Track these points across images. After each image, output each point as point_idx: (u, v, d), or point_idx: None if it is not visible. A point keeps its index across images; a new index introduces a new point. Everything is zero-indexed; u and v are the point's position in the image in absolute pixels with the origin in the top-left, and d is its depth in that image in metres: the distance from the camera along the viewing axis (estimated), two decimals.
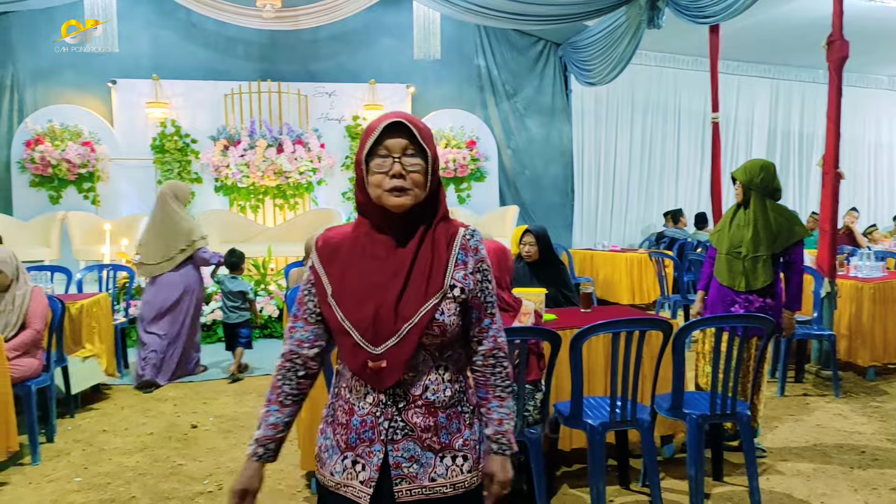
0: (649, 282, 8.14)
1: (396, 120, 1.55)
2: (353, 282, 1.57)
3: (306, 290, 1.66)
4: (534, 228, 4.60)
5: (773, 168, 3.89)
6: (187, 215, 5.73)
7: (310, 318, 1.65)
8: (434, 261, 1.58)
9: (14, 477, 3.85)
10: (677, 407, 3.34)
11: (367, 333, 1.54)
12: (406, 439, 1.57)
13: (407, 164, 1.54)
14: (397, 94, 10.00)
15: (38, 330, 4.14)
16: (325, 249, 1.65)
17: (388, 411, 1.57)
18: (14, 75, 9.10)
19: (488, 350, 1.67)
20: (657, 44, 10.02)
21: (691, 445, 3.27)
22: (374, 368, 1.54)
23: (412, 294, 1.55)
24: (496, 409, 1.68)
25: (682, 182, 11.72)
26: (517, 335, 3.01)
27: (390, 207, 1.54)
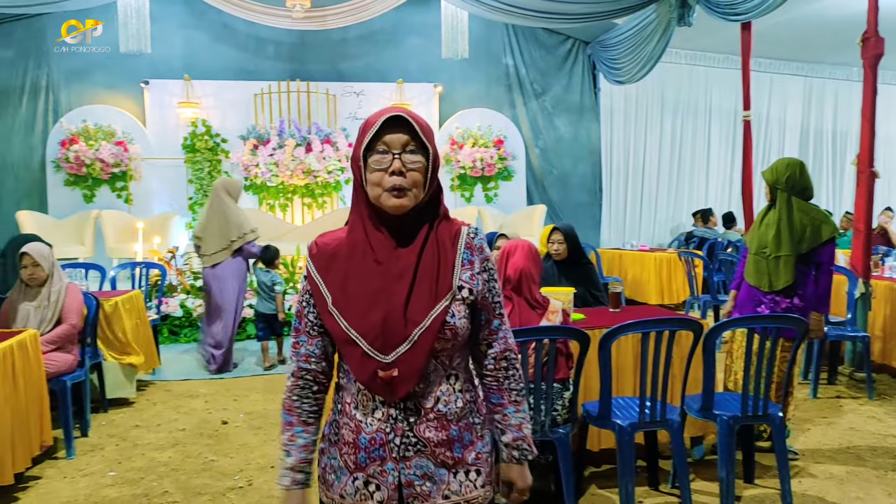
0: (678, 282, 8.07)
1: (396, 114, 1.47)
2: (355, 288, 1.47)
3: (304, 301, 1.56)
4: (562, 226, 4.58)
5: (799, 166, 3.83)
6: (239, 210, 6.01)
7: (312, 330, 1.55)
8: (440, 261, 1.50)
9: (49, 471, 3.93)
10: (708, 408, 3.31)
11: (377, 342, 1.45)
12: (419, 456, 1.48)
13: (407, 161, 1.45)
14: (425, 93, 10.02)
15: (74, 324, 4.22)
16: (320, 256, 1.54)
17: (398, 427, 1.48)
18: (49, 76, 9.28)
19: (500, 353, 1.60)
20: (688, 41, 9.93)
21: (722, 447, 3.23)
22: (385, 378, 1.44)
23: (420, 297, 1.46)
24: (513, 415, 1.60)
25: (712, 181, 11.60)
26: (545, 334, 3.01)
27: (389, 209, 1.46)
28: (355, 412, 1.51)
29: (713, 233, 9.57)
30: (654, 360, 3.09)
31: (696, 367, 3.43)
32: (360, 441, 1.49)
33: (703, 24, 7.99)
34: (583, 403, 3.39)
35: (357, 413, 1.51)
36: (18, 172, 9.21)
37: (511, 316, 3.14)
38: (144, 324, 5.47)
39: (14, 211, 8.67)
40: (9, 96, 9.16)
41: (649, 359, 3.10)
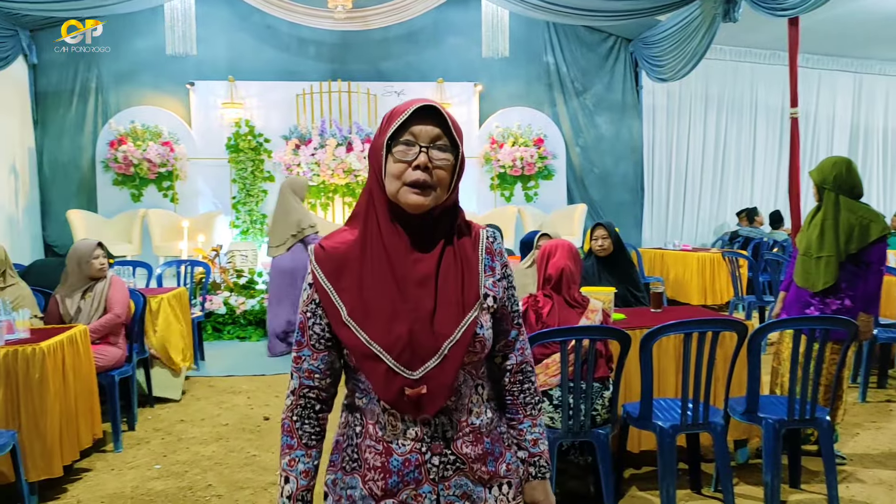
0: (722, 282, 7.94)
1: (428, 104, 1.34)
2: (373, 297, 1.34)
3: (309, 311, 1.40)
4: (605, 223, 4.56)
5: (846, 164, 3.74)
6: (301, 207, 6.48)
7: (318, 344, 1.40)
8: (464, 267, 1.39)
9: (98, 463, 4.03)
10: (753, 411, 3.25)
11: (403, 357, 1.31)
12: (458, 474, 1.38)
13: (434, 157, 1.33)
14: (465, 92, 10.01)
15: (118, 314, 4.32)
16: (329, 262, 1.38)
17: (436, 445, 1.36)
18: (98, 78, 9.50)
19: (517, 365, 1.50)
20: (733, 38, 9.75)
21: (767, 451, 3.18)
22: (413, 396, 1.32)
23: (447, 307, 1.35)
24: (529, 430, 1.51)
25: (757, 180, 11.37)
26: (585, 334, 2.99)
27: (407, 206, 1.33)
28: (382, 434, 1.37)
29: (758, 232, 9.40)
30: (696, 361, 3.05)
31: (741, 370, 3.37)
32: (390, 464, 1.36)
33: (748, 20, 7.84)
34: (623, 404, 3.36)
35: (385, 434, 1.37)
36: (69, 172, 9.45)
37: (550, 314, 3.13)
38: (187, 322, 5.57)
39: (65, 210, 8.91)
40: (60, 98, 9.41)
41: (692, 360, 3.06)
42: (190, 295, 6.13)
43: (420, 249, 1.36)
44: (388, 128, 1.34)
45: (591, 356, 2.98)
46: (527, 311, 3.17)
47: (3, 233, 8.31)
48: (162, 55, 8.73)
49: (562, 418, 3.04)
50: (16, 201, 8.80)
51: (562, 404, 3.02)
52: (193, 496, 3.56)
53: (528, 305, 3.19)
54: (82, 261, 4.29)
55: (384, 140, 1.34)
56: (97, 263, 4.30)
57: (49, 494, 3.58)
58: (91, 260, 4.29)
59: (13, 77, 8.73)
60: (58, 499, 3.57)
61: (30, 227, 9.11)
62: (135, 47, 9.46)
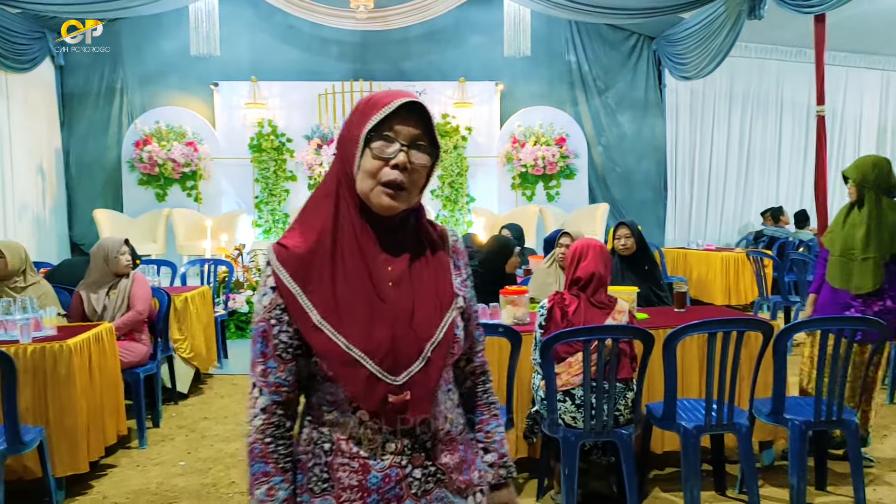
0: (746, 282, 7.86)
1: (413, 101, 1.26)
2: (348, 299, 1.24)
3: (273, 317, 1.27)
4: (628, 222, 4.52)
5: (887, 164, 3.68)
6: None
7: (284, 354, 1.27)
8: (437, 266, 1.34)
9: (123, 459, 4.07)
10: (778, 412, 3.21)
11: (386, 361, 1.23)
12: (438, 486, 1.30)
13: (413, 158, 1.25)
14: (486, 91, 9.99)
15: (140, 311, 4.35)
16: (293, 262, 1.26)
17: (417, 457, 1.28)
18: (123, 79, 9.60)
19: (480, 365, 1.47)
20: (758, 35, 9.63)
21: (793, 453, 3.14)
22: (397, 403, 1.23)
23: (424, 308, 1.28)
24: (496, 430, 1.46)
25: (783, 179, 11.23)
26: (609, 333, 2.97)
27: (378, 208, 1.25)
28: (357, 449, 1.26)
29: (784, 232, 9.29)
30: (721, 361, 3.02)
31: (766, 370, 3.33)
32: (368, 482, 1.25)
33: (774, 17, 7.74)
34: (646, 404, 3.33)
35: (360, 450, 1.26)
36: (94, 172, 9.57)
37: (576, 313, 3.12)
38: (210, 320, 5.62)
39: (91, 209, 9.03)
40: (86, 99, 9.53)
41: (716, 360, 3.03)
42: (213, 293, 6.18)
43: (390, 249, 1.29)
44: (367, 119, 1.25)
45: (613, 355, 2.96)
46: (552, 309, 3.16)
47: (31, 232, 8.44)
48: (186, 56, 8.80)
49: (584, 418, 3.02)
50: (43, 201, 8.93)
51: (584, 403, 3.01)
52: (217, 493, 3.59)
53: (553, 303, 3.18)
54: (109, 256, 4.33)
55: (363, 132, 1.24)
56: (123, 260, 4.34)
57: (75, 490, 3.62)
58: (118, 256, 4.33)
59: (41, 78, 8.87)
60: (84, 494, 3.61)
61: (56, 227, 9.24)
62: (160, 48, 9.56)
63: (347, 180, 1.28)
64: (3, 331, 3.54)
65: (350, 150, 1.27)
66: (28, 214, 8.52)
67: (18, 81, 8.24)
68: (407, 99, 1.26)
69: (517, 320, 3.63)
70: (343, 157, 1.29)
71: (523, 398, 3.48)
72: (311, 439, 1.31)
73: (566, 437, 3.05)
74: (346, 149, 1.28)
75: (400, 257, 1.29)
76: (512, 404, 3.20)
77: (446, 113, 9.77)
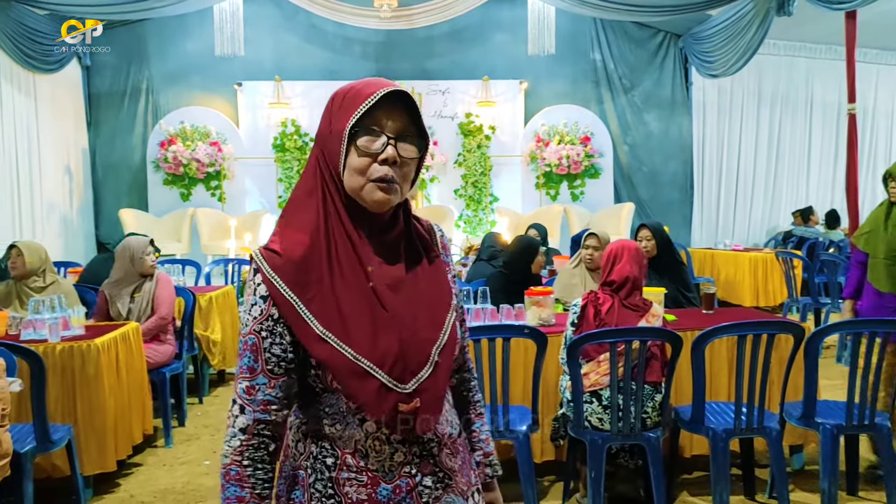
0: (775, 283, 7.74)
1: (397, 90, 1.18)
2: (349, 306, 1.17)
3: (264, 329, 1.18)
4: (650, 223, 4.45)
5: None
6: None
7: (276, 369, 1.19)
8: (432, 266, 1.28)
9: (149, 458, 4.10)
10: (809, 416, 3.15)
11: (395, 370, 1.17)
12: (447, 492, 1.26)
13: (402, 151, 1.19)
14: (510, 90, 9.94)
15: (164, 316, 4.34)
16: (287, 269, 1.18)
17: (425, 464, 1.23)
18: (149, 80, 9.69)
19: (466, 364, 1.43)
20: (787, 32, 9.49)
21: (825, 457, 3.08)
22: (408, 412, 1.18)
23: (426, 310, 1.23)
24: (482, 429, 1.44)
25: (812, 179, 11.06)
26: (636, 335, 2.93)
27: (371, 204, 1.19)
28: (364, 462, 1.20)
29: (814, 232, 9.14)
30: (751, 364, 2.97)
31: (797, 373, 3.27)
32: (378, 496, 1.20)
33: (803, 13, 7.63)
34: (674, 407, 3.29)
35: (368, 463, 1.20)
36: (120, 172, 9.67)
37: (609, 312, 3.08)
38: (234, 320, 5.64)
39: (117, 209, 9.13)
40: (112, 99, 9.63)
41: (746, 363, 2.98)
42: (237, 293, 6.20)
43: (384, 250, 1.22)
44: (351, 112, 1.17)
45: (641, 357, 2.92)
46: (586, 307, 3.13)
47: (58, 232, 8.54)
48: (210, 56, 8.86)
49: (611, 420, 2.98)
50: (70, 201, 9.04)
51: (611, 405, 2.97)
52: None
53: (588, 301, 3.14)
54: (135, 257, 4.30)
55: (346, 126, 1.17)
56: (149, 260, 4.34)
57: (103, 489, 3.65)
58: (143, 256, 4.31)
59: (68, 79, 8.98)
60: (111, 493, 3.63)
61: (83, 226, 9.34)
62: (184, 49, 9.63)
63: (332, 178, 1.21)
64: (32, 330, 3.56)
65: (333, 147, 1.19)
66: (56, 214, 8.62)
67: (46, 82, 8.35)
68: (390, 88, 1.18)
69: (542, 321, 3.59)
70: (326, 153, 1.21)
71: (549, 400, 3.45)
72: (310, 453, 1.23)
73: (593, 439, 3.01)
74: (329, 145, 1.20)
75: (396, 260, 1.23)
76: (537, 406, 3.16)
77: (470, 112, 9.75)
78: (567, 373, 3.15)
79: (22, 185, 7.82)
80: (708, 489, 3.20)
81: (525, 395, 3.32)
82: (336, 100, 1.22)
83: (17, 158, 7.74)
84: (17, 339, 3.51)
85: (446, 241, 1.38)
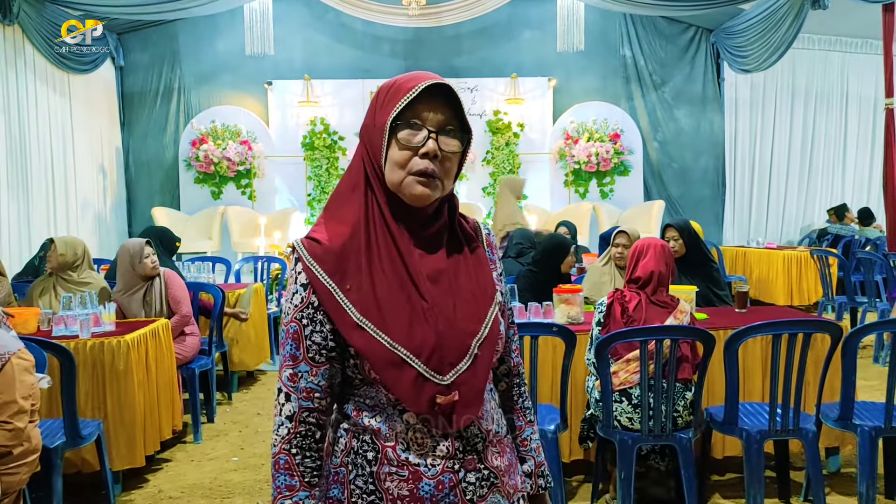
0: (810, 282, 7.59)
1: (438, 82, 1.17)
2: (387, 296, 1.17)
3: (305, 317, 1.20)
4: (676, 223, 4.36)
5: None
6: (507, 204, 7.04)
7: (317, 356, 1.20)
8: (475, 260, 1.27)
9: (178, 454, 4.13)
10: (847, 417, 3.07)
11: (433, 360, 1.16)
12: (492, 491, 1.23)
13: (443, 145, 1.18)
14: (539, 87, 9.88)
15: (186, 314, 4.33)
16: (327, 258, 1.19)
17: (469, 460, 1.21)
18: (181, 79, 9.79)
19: (514, 367, 1.40)
20: (821, 25, 9.31)
21: (862, 460, 3.00)
22: (445, 404, 1.16)
23: (466, 303, 1.22)
24: (532, 437, 1.40)
25: (848, 175, 10.83)
26: (668, 334, 2.88)
27: (411, 198, 1.18)
28: (406, 455, 1.18)
29: (849, 230, 8.96)
30: (786, 364, 2.90)
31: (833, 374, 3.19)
32: (420, 491, 1.17)
33: (839, 7, 7.48)
34: (706, 408, 3.22)
35: (409, 456, 1.18)
36: (153, 170, 9.79)
37: (636, 310, 3.03)
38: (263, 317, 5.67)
39: (149, 207, 9.24)
40: (145, 99, 9.75)
41: (781, 363, 2.91)
42: (266, 291, 6.23)
43: (425, 242, 1.22)
44: (392, 106, 1.17)
45: (672, 356, 2.87)
46: (612, 305, 3.09)
47: (92, 229, 8.67)
48: (241, 56, 8.92)
49: (641, 419, 2.93)
50: (104, 199, 9.17)
51: (641, 404, 2.92)
52: (269, 489, 3.58)
53: (613, 299, 3.10)
54: (135, 260, 4.21)
55: (388, 120, 1.17)
56: (149, 262, 4.22)
57: (131, 484, 3.68)
58: (143, 259, 4.21)
59: (102, 79, 9.10)
60: (140, 488, 3.66)
61: (116, 224, 9.48)
62: (215, 48, 9.71)
63: (375, 172, 1.21)
64: (63, 326, 3.61)
65: (376, 141, 1.19)
66: (90, 212, 8.75)
67: (81, 82, 8.47)
68: (431, 81, 1.16)
69: (571, 319, 3.55)
70: (369, 147, 1.22)
71: (577, 399, 3.40)
72: (349, 448, 1.22)
73: (622, 439, 2.96)
74: (372, 139, 1.21)
75: (436, 252, 1.23)
76: (566, 405, 3.12)
77: (498, 109, 9.70)
78: (593, 373, 3.11)
79: (57, 183, 7.95)
80: (740, 492, 3.14)
81: (553, 394, 3.28)
82: (380, 94, 1.22)
83: (52, 157, 7.87)
84: (49, 335, 3.56)
85: (492, 239, 1.37)
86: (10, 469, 2.46)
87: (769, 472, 3.43)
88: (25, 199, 7.32)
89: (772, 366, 2.95)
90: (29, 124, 7.41)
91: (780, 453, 3.37)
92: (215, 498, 3.53)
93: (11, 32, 7.12)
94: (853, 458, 3.28)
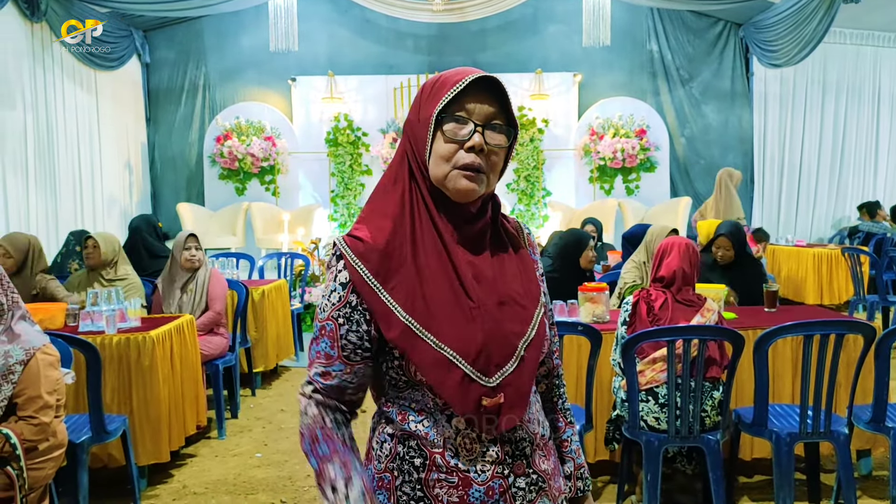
0: (840, 280, 7.45)
1: (486, 76, 1.15)
2: (433, 295, 1.15)
3: (342, 315, 1.18)
4: (727, 230, 4.28)
5: None
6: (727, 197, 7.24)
7: (353, 356, 1.18)
8: (519, 260, 1.25)
9: (202, 450, 4.14)
10: (879, 420, 3.00)
11: (479, 361, 1.14)
12: (541, 496, 1.21)
13: (489, 139, 1.16)
14: (564, 82, 9.79)
15: (219, 311, 4.40)
16: (371, 256, 1.16)
17: (518, 465, 1.19)
18: (206, 75, 9.85)
19: (555, 369, 1.38)
20: (853, 19, 9.11)
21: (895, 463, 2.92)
22: (491, 406, 1.14)
23: (512, 304, 1.20)
24: (573, 439, 1.38)
25: (880, 172, 10.61)
26: (696, 333, 2.83)
27: (456, 193, 1.16)
28: (455, 461, 1.16)
29: (881, 227, 8.78)
30: (817, 365, 2.84)
31: (866, 375, 3.12)
32: (470, 497, 1.15)
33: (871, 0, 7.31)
34: (735, 409, 3.17)
35: (459, 461, 1.16)
36: (178, 167, 9.87)
37: (662, 308, 2.99)
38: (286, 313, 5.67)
39: (175, 203, 9.31)
40: (170, 95, 9.82)
41: (812, 364, 2.84)
42: (290, 287, 6.24)
43: (469, 240, 1.19)
44: (438, 99, 1.15)
45: (700, 356, 2.82)
46: (637, 304, 3.04)
47: (118, 224, 8.75)
48: (265, 52, 8.94)
49: (668, 419, 2.88)
50: (130, 195, 9.27)
51: (668, 403, 2.87)
52: (293, 486, 3.60)
53: (639, 298, 3.06)
54: (176, 251, 4.38)
55: (433, 113, 1.15)
56: (187, 255, 4.33)
57: (156, 479, 3.70)
58: (182, 251, 4.35)
59: (128, 75, 9.19)
60: (165, 483, 3.68)
61: None
62: (240, 45, 9.76)
63: (419, 166, 1.19)
64: (90, 321, 3.63)
65: (421, 134, 1.17)
66: (116, 208, 8.84)
67: (107, 79, 8.56)
68: (478, 74, 1.15)
69: (596, 318, 3.50)
70: (413, 141, 1.20)
71: (603, 399, 3.36)
72: (395, 454, 1.20)
73: (649, 440, 2.91)
74: (417, 133, 1.19)
75: (480, 251, 1.20)
76: (591, 405, 3.08)
77: (522, 105, 9.63)
78: (619, 374, 3.07)
79: (84, 178, 8.04)
80: (769, 494, 3.08)
81: (578, 394, 3.24)
82: (425, 89, 1.20)
83: (79, 153, 7.95)
84: (76, 330, 3.58)
85: (533, 239, 1.35)
86: (36, 464, 2.47)
87: (799, 475, 3.36)
88: (53, 195, 7.41)
89: (803, 367, 2.88)
90: (56, 121, 7.50)
91: (811, 456, 3.31)
92: (239, 494, 3.54)
93: (39, 29, 7.20)
94: (885, 461, 3.21)
